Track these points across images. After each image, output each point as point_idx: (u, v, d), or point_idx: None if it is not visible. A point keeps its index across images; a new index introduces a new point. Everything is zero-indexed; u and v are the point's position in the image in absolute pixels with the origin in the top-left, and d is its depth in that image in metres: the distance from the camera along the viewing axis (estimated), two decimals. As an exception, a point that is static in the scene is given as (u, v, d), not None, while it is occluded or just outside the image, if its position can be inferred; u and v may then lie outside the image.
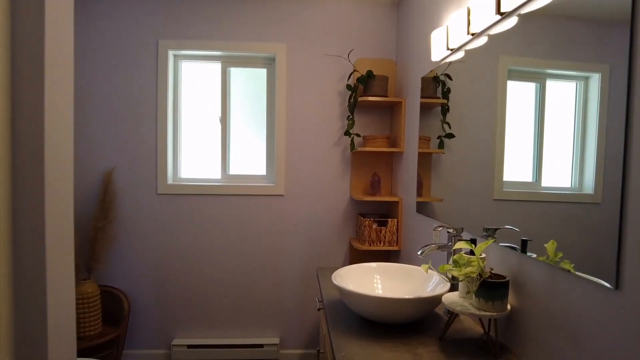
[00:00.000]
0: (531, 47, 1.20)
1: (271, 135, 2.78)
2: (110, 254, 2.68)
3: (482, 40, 1.45)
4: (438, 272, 1.50)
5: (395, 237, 2.46)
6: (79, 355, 2.38)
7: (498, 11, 1.30)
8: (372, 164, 2.68)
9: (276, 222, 2.73)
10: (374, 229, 2.44)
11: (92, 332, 2.46)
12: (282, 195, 2.72)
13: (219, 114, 2.78)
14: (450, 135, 1.86)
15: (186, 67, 2.78)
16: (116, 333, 2.53)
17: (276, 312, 2.79)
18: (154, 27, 2.61)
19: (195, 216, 2.70)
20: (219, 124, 2.78)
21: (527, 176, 1.21)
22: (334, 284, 1.38)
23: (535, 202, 1.17)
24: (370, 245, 2.44)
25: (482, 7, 1.38)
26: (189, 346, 2.70)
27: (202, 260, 2.72)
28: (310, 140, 2.70)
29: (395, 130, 2.56)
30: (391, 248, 2.45)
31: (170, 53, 2.65)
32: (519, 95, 1.26)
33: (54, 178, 1.07)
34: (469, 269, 1.19)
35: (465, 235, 1.55)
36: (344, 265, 2.76)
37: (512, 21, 1.25)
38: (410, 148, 2.31)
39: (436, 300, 1.31)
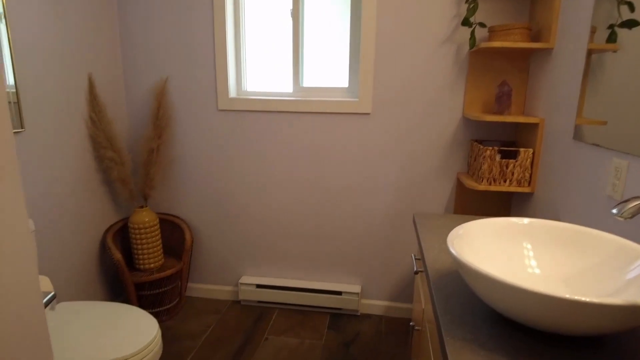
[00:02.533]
0: None
1: (356, 32, 2.10)
2: (167, 179, 2.34)
3: None
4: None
5: (527, 175, 1.74)
6: (139, 289, 2.15)
7: None
8: (500, 68, 1.89)
9: (361, 147, 2.14)
10: (497, 162, 1.74)
11: (152, 265, 2.21)
12: (368, 113, 2.09)
13: (290, 6, 2.14)
14: (633, 23, 1.14)
15: (249, -57, 2.13)
16: (179, 266, 2.26)
17: (359, 256, 2.30)
18: None
19: (263, 137, 2.20)
20: (290, 19, 2.16)
21: None
22: (454, 257, 0.78)
23: None
24: (489, 184, 1.76)
25: None
26: (258, 285, 2.37)
27: (271, 189, 2.27)
28: (409, 36, 1.97)
29: (541, 16, 1.73)
30: (520, 189, 1.74)
31: None
32: None
33: None
34: None
35: None
36: (448, 208, 2.12)
37: None
38: (570, 41, 1.50)
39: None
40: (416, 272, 1.35)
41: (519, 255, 0.90)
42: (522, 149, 1.72)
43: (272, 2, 2.16)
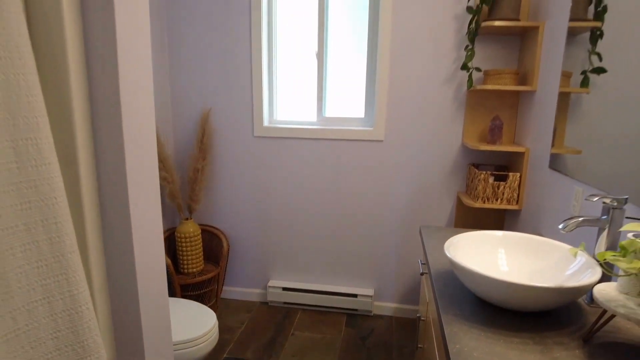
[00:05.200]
0: None
1: (372, 71, 2.47)
2: (209, 195, 2.72)
3: None
4: (581, 250, 1.16)
5: (515, 195, 2.08)
6: (183, 290, 2.51)
7: None
8: (493, 105, 2.25)
9: (374, 169, 2.50)
10: (490, 184, 2.08)
11: (194, 269, 2.57)
12: (381, 140, 2.45)
13: (316, 48, 2.52)
14: (601, 70, 1.43)
15: (281, -4, 2.53)
16: (217, 271, 2.62)
17: (372, 263, 2.64)
18: (247, -48, 2.37)
19: (291, 160, 2.58)
20: (315, 60, 2.54)
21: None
22: (449, 258, 1.13)
23: None
24: (484, 202, 2.11)
25: None
26: (284, 288, 2.72)
27: (297, 204, 2.64)
28: (417, 75, 2.33)
29: (526, 64, 2.09)
30: (509, 207, 2.08)
31: (264, -19, 2.41)
32: None
33: (133, 126, 0.94)
34: (646, 262, 0.86)
35: (630, 208, 1.17)
36: (449, 222, 2.47)
37: None
38: (547, 85, 1.86)
39: (583, 291, 1.00)
40: (422, 274, 1.69)
41: (494, 257, 1.25)
42: (511, 173, 2.07)
43: (299, 45, 2.54)
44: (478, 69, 2.16)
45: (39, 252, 0.84)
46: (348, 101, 2.57)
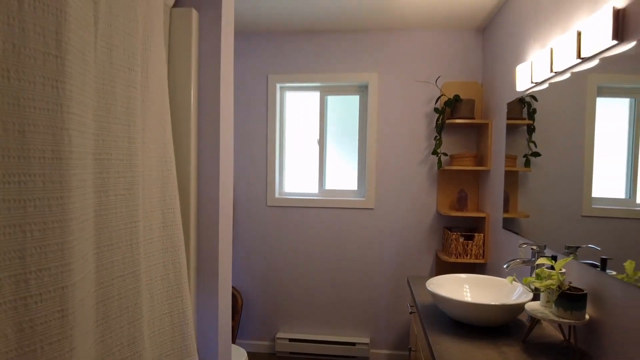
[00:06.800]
0: (622, 65, 1.24)
1: (362, 154, 3.09)
2: (227, 256, 3.16)
3: (566, 76, 1.61)
4: (522, 284, 1.68)
5: (481, 251, 2.61)
6: (204, 340, 2.86)
7: (579, 56, 1.47)
8: (458, 180, 2.86)
9: (367, 232, 3.02)
10: (461, 243, 2.62)
11: (213, 321, 2.94)
12: (372, 208, 3.00)
13: (317, 136, 3.14)
14: (536, 154, 1.99)
15: (290, 96, 3.19)
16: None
17: (367, 313, 3.06)
18: (265, 64, 3.06)
19: (298, 226, 3.08)
20: (317, 145, 3.15)
21: (619, 193, 1.23)
22: (429, 290, 1.63)
23: (630, 219, 1.19)
24: (457, 257, 2.63)
25: (564, 51, 1.56)
26: (291, 339, 3.08)
27: (303, 264, 3.10)
28: (398, 158, 2.95)
29: (482, 149, 2.73)
30: (477, 261, 2.61)
31: (278, 85, 3.08)
32: (609, 111, 1.29)
33: (224, 185, 1.47)
34: (549, 282, 1.38)
35: (548, 252, 1.71)
36: (431, 274, 2.97)
37: (594, 62, 1.42)
38: (497, 167, 2.47)
39: (519, 307, 1.51)
40: (411, 312, 2.16)
41: (461, 291, 1.75)
42: (476, 234, 2.62)
43: (304, 133, 3.17)
44: (445, 154, 2.79)
45: (168, 281, 1.31)
46: (344, 176, 3.15)
